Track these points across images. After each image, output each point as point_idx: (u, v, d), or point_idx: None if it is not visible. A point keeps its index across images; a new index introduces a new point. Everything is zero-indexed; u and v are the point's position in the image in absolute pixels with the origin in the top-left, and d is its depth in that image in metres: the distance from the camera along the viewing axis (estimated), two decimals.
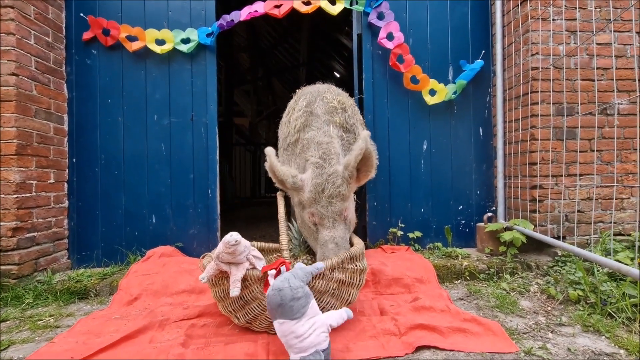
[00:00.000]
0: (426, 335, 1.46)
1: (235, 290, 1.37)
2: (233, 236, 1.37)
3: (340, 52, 9.06)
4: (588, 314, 1.62)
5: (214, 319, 1.66)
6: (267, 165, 1.73)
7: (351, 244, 1.76)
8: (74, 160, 2.55)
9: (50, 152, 2.38)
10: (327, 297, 1.50)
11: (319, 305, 1.45)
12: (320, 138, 1.81)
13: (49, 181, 2.36)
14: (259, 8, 2.57)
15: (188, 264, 2.29)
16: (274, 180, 1.77)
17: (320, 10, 2.62)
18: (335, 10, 2.60)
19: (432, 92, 2.63)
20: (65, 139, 2.53)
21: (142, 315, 1.72)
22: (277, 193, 1.95)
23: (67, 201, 2.52)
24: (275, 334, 1.51)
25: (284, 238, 1.53)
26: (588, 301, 1.72)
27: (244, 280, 1.43)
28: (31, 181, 2.22)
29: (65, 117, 2.54)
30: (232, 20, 2.59)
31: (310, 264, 1.51)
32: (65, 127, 2.53)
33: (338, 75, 10.99)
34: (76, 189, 2.55)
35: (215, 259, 1.41)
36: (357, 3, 2.62)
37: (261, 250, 1.97)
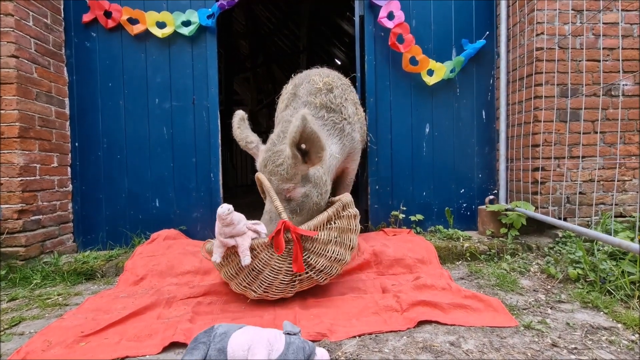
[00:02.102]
0: (428, 311, 1.49)
1: (246, 259, 1.40)
2: (224, 207, 1.37)
3: (341, 38, 8.93)
4: (587, 292, 1.65)
5: (219, 297, 1.69)
6: None
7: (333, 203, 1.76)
8: (77, 144, 2.55)
9: (52, 135, 2.38)
10: (331, 246, 1.57)
11: (327, 257, 1.56)
12: (289, 117, 1.83)
13: (52, 165, 2.37)
14: None
15: (192, 246, 2.32)
16: None
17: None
18: None
19: (430, 73, 2.60)
20: (67, 122, 2.53)
21: (149, 294, 1.75)
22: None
23: (70, 185, 2.54)
24: (281, 308, 1.55)
25: (278, 203, 1.54)
26: (587, 279, 1.75)
27: (252, 249, 1.45)
28: (35, 164, 2.23)
29: (67, 100, 2.53)
30: (231, 2, 2.55)
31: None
32: (67, 110, 2.53)
33: (339, 62, 10.88)
34: (79, 172, 2.56)
35: (218, 236, 1.43)
36: None
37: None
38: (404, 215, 2.64)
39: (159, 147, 2.61)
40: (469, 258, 2.21)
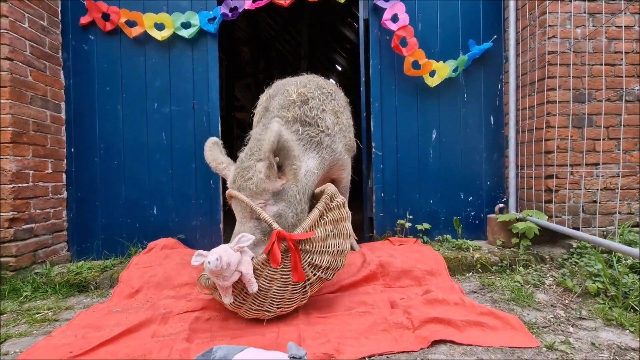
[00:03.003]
0: (441, 329, 1.39)
1: (254, 286, 1.32)
2: (212, 262, 1.24)
3: (342, 44, 8.91)
4: (609, 307, 1.55)
5: (218, 312, 1.59)
6: None
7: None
8: (72, 149, 2.47)
9: (47, 140, 2.30)
10: (330, 240, 1.51)
11: (329, 252, 1.50)
12: (258, 135, 1.68)
13: (46, 171, 2.29)
14: None
15: (191, 256, 2.20)
16: None
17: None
18: None
19: (433, 74, 2.53)
20: (63, 127, 2.45)
21: (144, 308, 1.66)
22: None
23: (65, 192, 2.45)
24: (284, 324, 1.46)
25: (264, 215, 1.44)
26: (608, 294, 1.65)
27: (254, 271, 1.37)
28: (28, 171, 2.14)
29: (63, 105, 2.45)
30: (237, 9, 2.49)
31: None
32: (63, 115, 2.45)
33: (340, 68, 10.86)
34: (75, 179, 2.47)
35: (219, 283, 1.33)
36: None
37: None
38: (410, 224, 2.54)
39: (158, 152, 2.53)
40: (480, 269, 2.11)
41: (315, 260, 1.48)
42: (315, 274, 1.50)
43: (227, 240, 2.98)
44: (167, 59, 2.53)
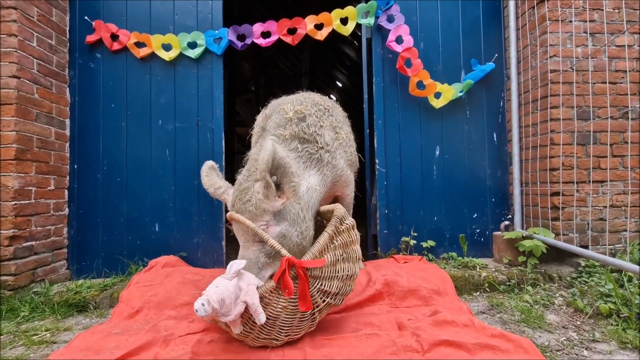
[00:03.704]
0: (451, 352, 1.35)
1: (261, 317, 1.26)
2: (199, 311, 1.17)
3: (342, 61, 9.06)
4: (623, 329, 1.51)
5: (221, 334, 1.55)
6: None
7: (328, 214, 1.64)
8: (75, 166, 2.47)
9: (50, 157, 2.30)
10: (340, 265, 1.47)
11: (338, 277, 1.45)
12: (255, 155, 1.65)
13: (48, 188, 2.28)
14: (271, 28, 2.53)
15: (192, 274, 2.18)
16: None
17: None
18: (347, 30, 2.56)
19: (438, 95, 2.55)
20: (67, 144, 2.46)
21: (145, 329, 1.61)
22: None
23: (67, 208, 2.43)
24: (289, 347, 1.41)
25: (272, 241, 1.39)
26: (621, 315, 1.61)
27: (261, 299, 1.32)
28: (30, 187, 2.13)
29: (67, 121, 2.46)
30: (245, 40, 2.55)
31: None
32: (67, 132, 2.46)
33: (340, 85, 11.00)
34: (77, 195, 2.46)
35: (224, 319, 1.28)
36: (366, 17, 2.56)
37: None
38: (415, 242, 2.51)
39: (161, 169, 2.52)
40: (487, 289, 2.07)
41: (324, 286, 1.43)
42: (324, 300, 1.45)
43: (229, 257, 2.94)
44: (172, 77, 2.56)
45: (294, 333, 1.44)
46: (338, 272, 1.46)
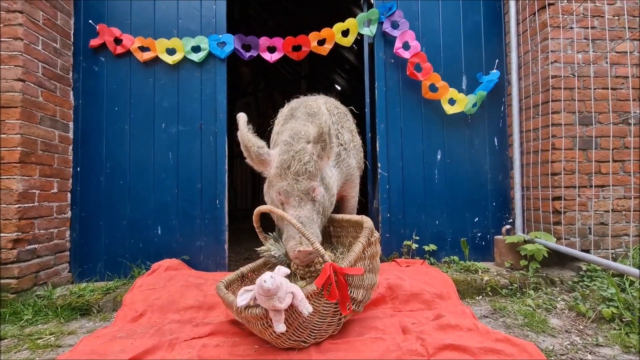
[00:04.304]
0: (457, 356, 1.35)
1: (308, 307, 1.27)
2: (267, 282, 1.20)
3: (342, 64, 9.09)
4: (626, 334, 1.52)
5: (227, 337, 1.55)
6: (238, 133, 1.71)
7: (355, 222, 1.74)
8: (79, 169, 2.47)
9: (54, 160, 2.30)
10: (366, 274, 1.54)
11: (364, 286, 1.53)
12: (294, 126, 1.78)
13: (52, 190, 2.28)
14: (276, 43, 2.59)
15: (195, 277, 2.18)
16: (243, 150, 1.71)
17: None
18: (349, 41, 2.60)
19: (452, 102, 2.58)
20: (70, 147, 2.46)
21: (149, 333, 1.61)
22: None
23: (70, 211, 2.43)
24: (295, 352, 1.41)
25: (317, 245, 1.38)
26: (623, 319, 1.62)
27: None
28: (34, 190, 2.13)
29: (71, 124, 2.47)
30: (252, 55, 2.61)
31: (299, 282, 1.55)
32: (71, 135, 2.46)
33: (339, 88, 11.03)
34: (80, 198, 2.46)
35: (270, 308, 1.27)
36: (369, 25, 2.59)
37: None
38: (417, 245, 2.52)
39: (164, 172, 2.53)
40: (489, 293, 2.08)
41: (352, 293, 1.49)
42: (348, 307, 1.49)
43: (231, 261, 2.94)
44: (175, 80, 2.57)
45: (321, 336, 1.47)
46: (364, 282, 1.54)
